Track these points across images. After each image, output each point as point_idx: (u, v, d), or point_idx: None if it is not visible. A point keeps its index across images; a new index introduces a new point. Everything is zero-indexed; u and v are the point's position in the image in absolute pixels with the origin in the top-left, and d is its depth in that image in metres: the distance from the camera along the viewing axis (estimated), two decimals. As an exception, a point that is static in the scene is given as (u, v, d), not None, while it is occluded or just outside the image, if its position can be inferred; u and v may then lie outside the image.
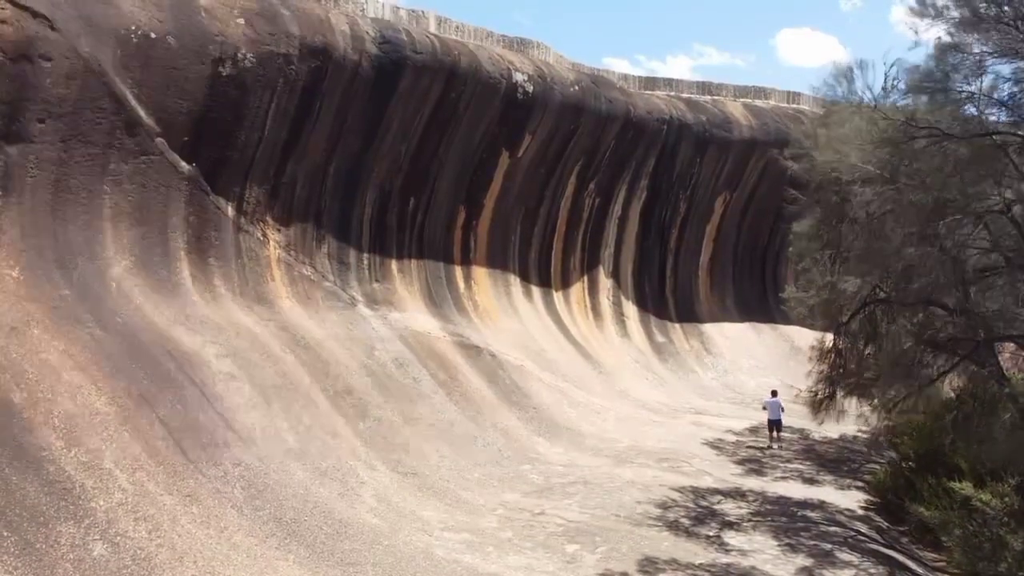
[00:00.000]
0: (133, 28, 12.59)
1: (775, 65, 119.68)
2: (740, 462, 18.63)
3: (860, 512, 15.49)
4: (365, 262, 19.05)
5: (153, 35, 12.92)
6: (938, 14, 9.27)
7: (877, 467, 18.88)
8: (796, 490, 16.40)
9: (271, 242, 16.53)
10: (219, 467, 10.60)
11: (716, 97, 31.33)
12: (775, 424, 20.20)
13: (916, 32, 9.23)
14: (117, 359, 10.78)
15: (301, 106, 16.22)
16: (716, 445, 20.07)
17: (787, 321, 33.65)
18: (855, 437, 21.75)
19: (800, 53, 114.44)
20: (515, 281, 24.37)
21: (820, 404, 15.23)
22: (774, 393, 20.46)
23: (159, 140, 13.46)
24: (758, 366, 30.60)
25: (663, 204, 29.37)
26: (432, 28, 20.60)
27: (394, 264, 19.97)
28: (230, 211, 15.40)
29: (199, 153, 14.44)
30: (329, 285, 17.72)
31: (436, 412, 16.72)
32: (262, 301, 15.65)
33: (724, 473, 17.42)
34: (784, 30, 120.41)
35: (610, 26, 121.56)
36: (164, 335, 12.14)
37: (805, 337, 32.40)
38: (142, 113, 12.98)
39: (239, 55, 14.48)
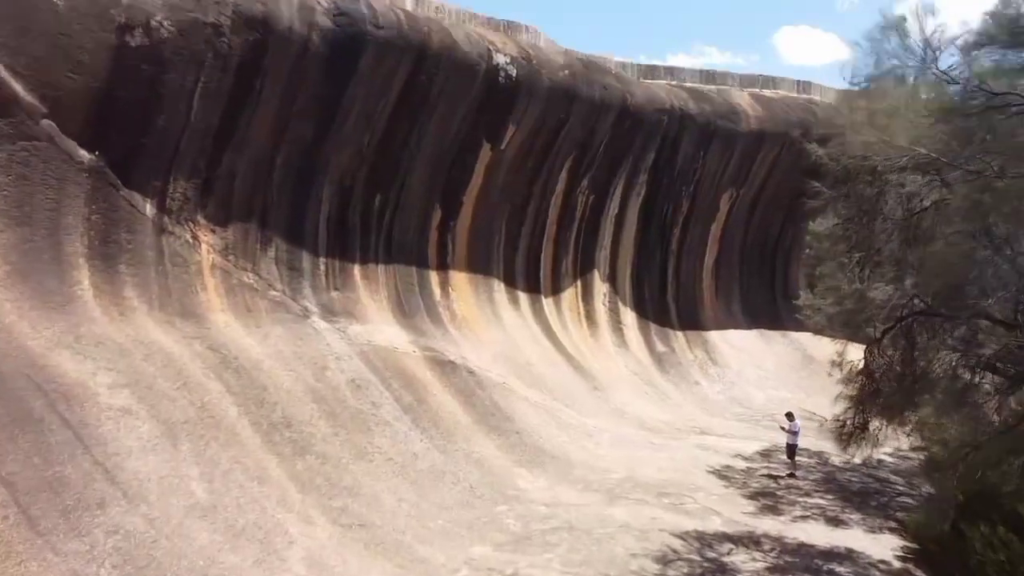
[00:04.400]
0: (5, -16, 10.23)
1: (777, 64, 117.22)
2: (752, 496, 16.23)
3: (897, 565, 13.05)
4: (322, 267, 16.66)
5: (34, -7, 10.56)
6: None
7: (910, 501, 16.51)
8: (819, 534, 13.99)
9: (203, 245, 14.14)
10: (84, 539, 8.21)
11: (721, 87, 28.91)
12: (792, 449, 17.81)
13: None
14: (-42, 398, 8.41)
15: (238, 86, 13.83)
16: (724, 474, 17.65)
17: (798, 328, 31.17)
18: (880, 462, 19.31)
19: (802, 51, 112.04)
20: (499, 287, 21.96)
21: (850, 436, 12.79)
22: (790, 416, 17.99)
23: (46, 123, 11.06)
24: (767, 377, 28.16)
25: (664, 201, 26.95)
26: (408, 6, 18.16)
27: (357, 269, 17.57)
28: (149, 209, 13.02)
29: (105, 140, 12.06)
30: (276, 295, 15.33)
31: (397, 443, 14.33)
32: (188, 315, 13.25)
33: (734, 511, 15.02)
34: (784, 28, 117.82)
35: (609, 26, 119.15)
36: (37, 363, 9.75)
37: (818, 346, 29.97)
38: (18, 88, 10.59)
39: (153, 23, 12.08)
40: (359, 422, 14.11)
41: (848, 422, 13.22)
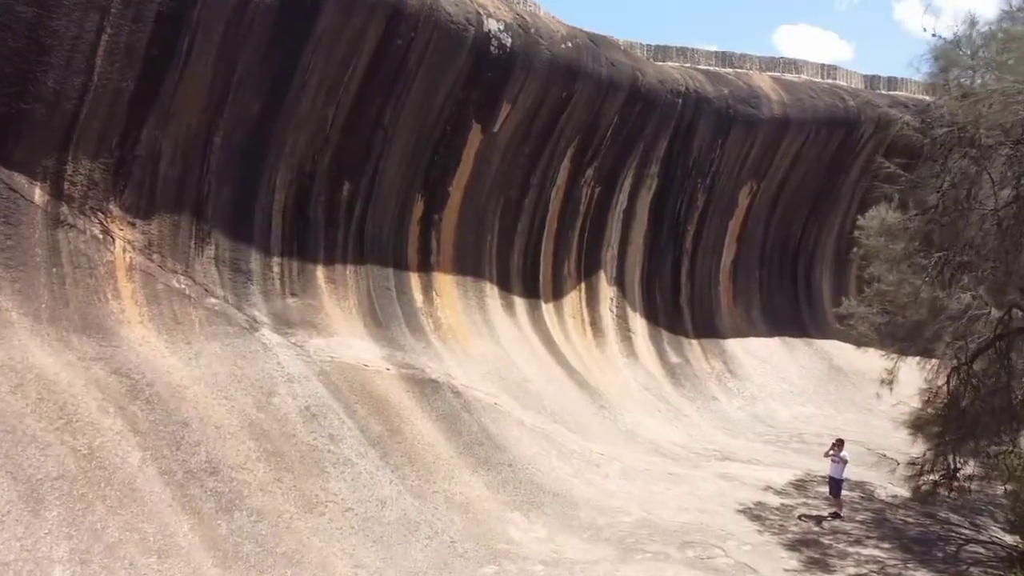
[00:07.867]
0: None
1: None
2: (793, 545, 13.46)
3: (992, 650, 10.30)
4: (275, 269, 13.87)
5: None
6: None
7: (982, 551, 13.73)
8: (884, 602, 11.25)
9: (118, 241, 11.35)
10: None
11: (739, 70, 26.11)
12: (837, 485, 15.01)
13: None
14: None
15: (157, 42, 11.04)
16: (756, 514, 14.88)
17: (823, 335, 28.44)
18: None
19: (801, 50, 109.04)
20: (492, 291, 19.16)
21: (933, 487, 9.98)
22: (840, 443, 15.14)
23: None
24: (792, 391, 25.32)
25: (677, 195, 24.10)
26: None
27: (320, 271, 14.78)
28: (38, 195, 10.24)
29: (-30, 103, 9.30)
30: (215, 302, 12.53)
31: (359, 487, 11.54)
32: (91, 330, 10.46)
33: (775, 569, 12.26)
34: (782, 27, 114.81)
35: (606, 25, 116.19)
36: None
37: (845, 355, 27.15)
38: None
39: (32, -49, 9.32)
40: (311, 462, 11.31)
41: (926, 466, 10.42)
